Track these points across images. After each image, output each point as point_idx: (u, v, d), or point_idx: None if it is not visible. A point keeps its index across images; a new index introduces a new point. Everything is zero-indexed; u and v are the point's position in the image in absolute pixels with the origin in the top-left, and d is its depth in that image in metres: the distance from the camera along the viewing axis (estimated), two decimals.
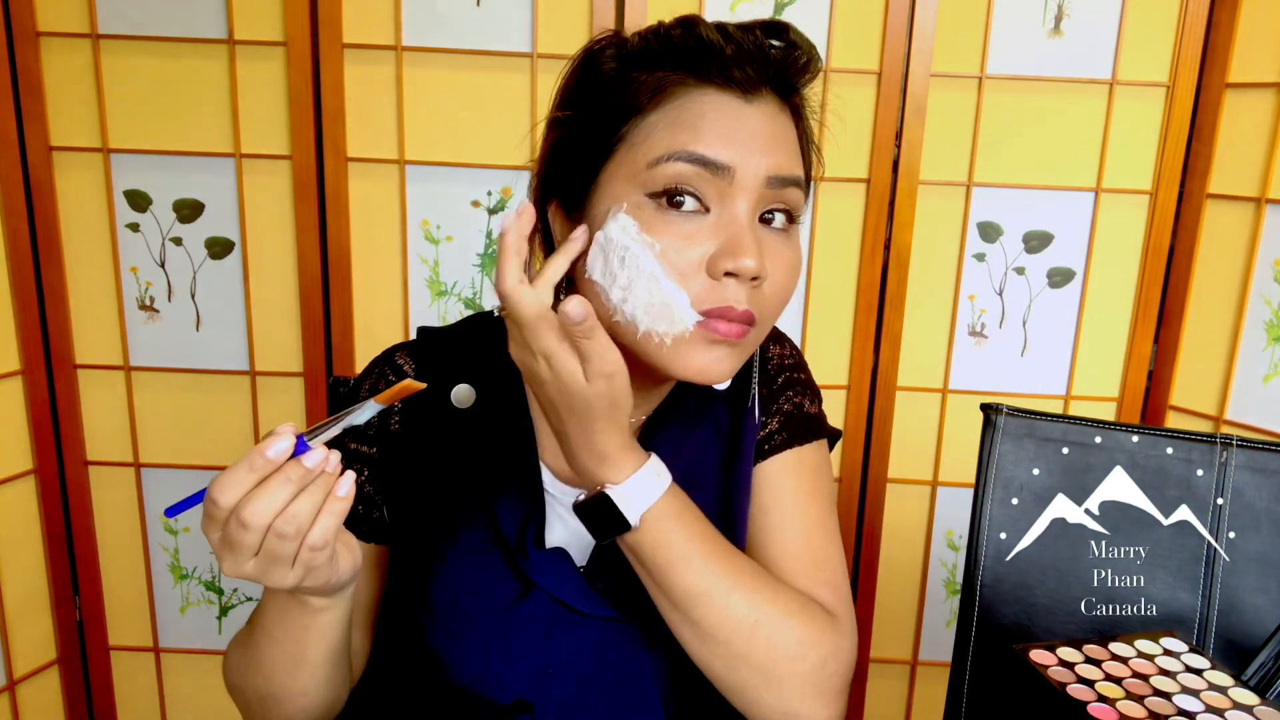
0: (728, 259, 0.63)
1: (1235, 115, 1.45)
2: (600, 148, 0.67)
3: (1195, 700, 0.71)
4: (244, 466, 0.55)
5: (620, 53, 0.69)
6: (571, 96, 0.71)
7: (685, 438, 0.78)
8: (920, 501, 1.64)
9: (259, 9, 1.42)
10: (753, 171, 0.64)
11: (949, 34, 1.46)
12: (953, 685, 0.94)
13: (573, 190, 0.69)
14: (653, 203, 0.64)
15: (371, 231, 1.51)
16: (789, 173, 0.66)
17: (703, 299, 0.64)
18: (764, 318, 0.68)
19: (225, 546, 0.56)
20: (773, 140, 0.66)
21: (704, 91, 0.65)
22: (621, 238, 0.63)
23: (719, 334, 0.65)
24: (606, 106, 0.67)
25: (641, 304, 0.63)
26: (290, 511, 0.55)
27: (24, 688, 1.58)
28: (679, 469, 0.70)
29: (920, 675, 1.71)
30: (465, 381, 0.77)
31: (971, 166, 1.50)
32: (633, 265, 0.63)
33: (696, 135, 0.63)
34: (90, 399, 1.57)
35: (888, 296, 1.55)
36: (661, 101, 0.65)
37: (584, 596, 0.73)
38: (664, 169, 0.63)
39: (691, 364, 0.66)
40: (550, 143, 0.72)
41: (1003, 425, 0.91)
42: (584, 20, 1.44)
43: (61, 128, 1.46)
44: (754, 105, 0.66)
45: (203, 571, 1.65)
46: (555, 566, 0.73)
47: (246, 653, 0.71)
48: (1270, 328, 1.43)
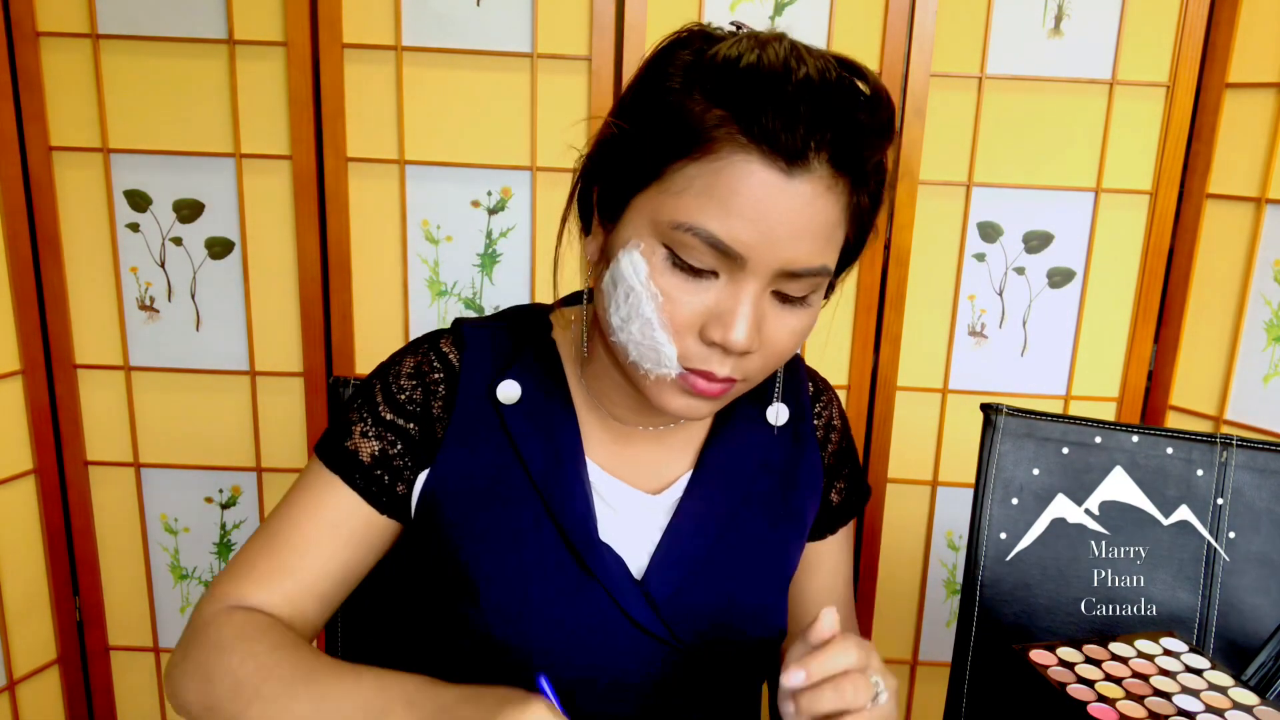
0: (717, 329, 0.64)
1: (1235, 115, 1.45)
2: (639, 176, 0.65)
3: (1195, 700, 0.71)
4: None
5: (691, 64, 0.64)
6: (631, 104, 0.67)
7: (735, 464, 0.79)
8: (920, 501, 1.64)
9: (259, 9, 1.42)
10: (767, 262, 0.62)
11: (949, 34, 1.46)
12: (953, 685, 0.94)
13: (610, 197, 0.68)
14: (665, 253, 0.64)
15: (371, 231, 1.51)
16: (806, 265, 0.63)
17: (689, 357, 0.65)
18: (752, 378, 0.69)
19: None
20: (803, 230, 0.62)
21: (748, 158, 0.60)
22: (631, 276, 0.64)
23: (696, 390, 0.66)
24: (656, 134, 0.64)
25: (634, 340, 0.65)
26: None
27: (24, 688, 1.58)
28: (732, 494, 0.75)
29: (920, 675, 1.71)
30: (509, 375, 0.76)
31: (971, 166, 1.50)
32: (634, 304, 0.64)
33: (724, 214, 0.61)
34: (90, 399, 1.57)
35: (888, 296, 1.55)
36: (705, 155, 0.61)
37: (639, 604, 0.73)
38: (684, 237, 0.62)
39: (668, 404, 0.68)
40: (602, 139, 0.69)
41: (1003, 425, 0.91)
42: (584, 20, 1.44)
43: (61, 128, 1.46)
44: (795, 183, 0.61)
45: (203, 571, 1.65)
46: (616, 565, 0.73)
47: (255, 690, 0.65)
48: (1270, 328, 1.43)
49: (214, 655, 0.67)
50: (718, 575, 0.76)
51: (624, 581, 0.73)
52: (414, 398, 0.75)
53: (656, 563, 0.74)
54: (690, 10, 1.44)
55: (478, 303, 1.55)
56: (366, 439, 0.74)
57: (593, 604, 0.72)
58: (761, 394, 0.80)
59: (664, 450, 0.79)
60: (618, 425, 0.78)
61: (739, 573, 0.77)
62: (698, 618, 0.74)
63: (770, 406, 0.81)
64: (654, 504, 0.77)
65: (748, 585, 0.77)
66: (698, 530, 0.76)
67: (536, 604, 0.71)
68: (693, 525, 0.76)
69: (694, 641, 0.74)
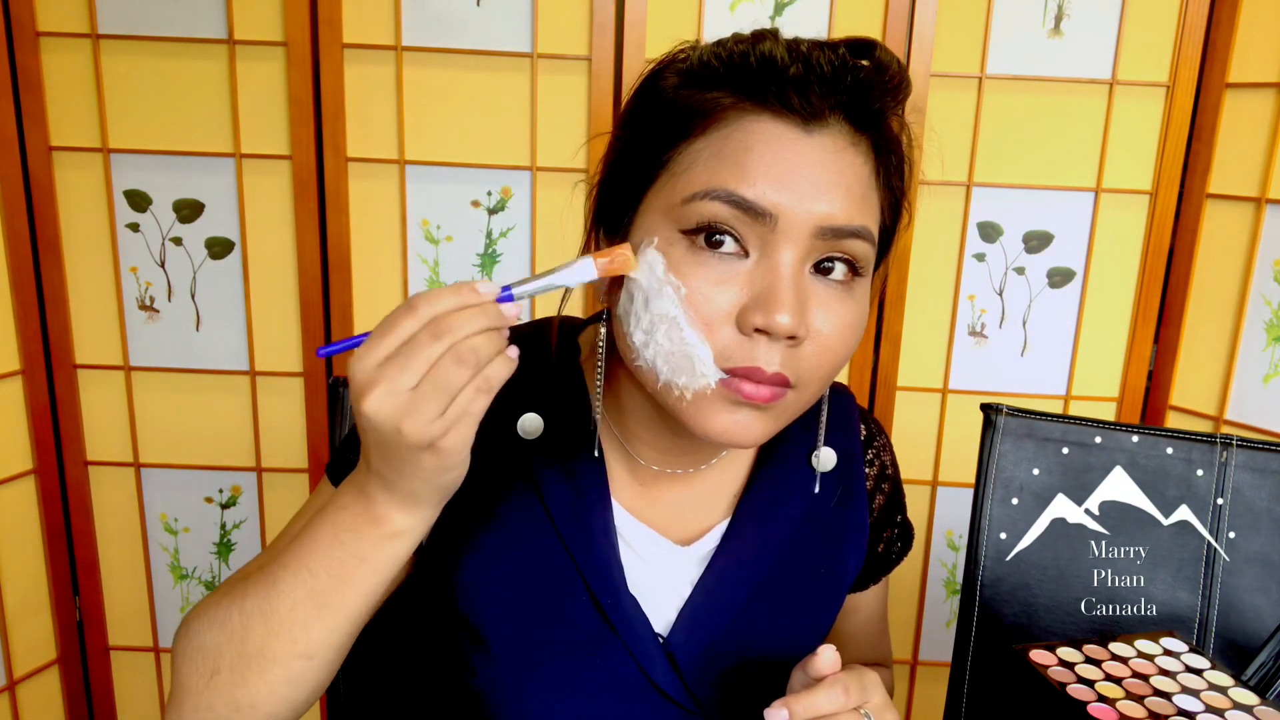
0: (758, 313, 0.55)
1: (1235, 115, 1.45)
2: (644, 173, 0.60)
3: (1195, 700, 0.71)
4: (449, 291, 0.51)
5: (685, 68, 0.61)
6: (627, 115, 0.64)
7: (775, 515, 0.73)
8: (920, 501, 1.64)
9: (259, 9, 1.42)
10: (801, 220, 0.56)
11: (949, 34, 1.46)
12: (953, 685, 0.94)
13: (616, 215, 0.63)
14: (685, 240, 0.57)
15: (371, 231, 1.51)
16: (847, 223, 0.57)
17: (729, 355, 0.57)
18: (805, 383, 0.59)
19: (392, 364, 0.50)
20: (832, 182, 0.57)
21: (757, 119, 0.57)
22: (647, 276, 0.57)
23: (743, 395, 0.57)
24: (656, 128, 0.60)
25: (663, 351, 0.56)
26: (474, 342, 0.50)
27: (24, 688, 1.58)
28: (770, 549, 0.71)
29: (920, 675, 1.71)
30: (530, 405, 0.69)
31: (971, 166, 1.50)
32: (656, 307, 0.56)
33: (740, 172, 0.56)
34: (90, 399, 1.57)
35: (887, 296, 1.55)
36: (709, 127, 0.57)
37: (661, 665, 0.67)
38: (698, 207, 0.56)
39: (713, 425, 0.59)
40: (606, 159, 0.66)
41: (1003, 425, 0.91)
42: (584, 20, 1.44)
43: (61, 128, 1.46)
44: (814, 137, 0.57)
45: (203, 571, 1.65)
46: (640, 621, 0.67)
47: (235, 604, 0.59)
48: (1270, 328, 1.43)
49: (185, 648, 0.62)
50: (749, 637, 0.70)
51: (646, 639, 0.67)
52: None
53: (683, 621, 0.68)
54: (690, 10, 1.43)
55: None
56: None
57: (611, 661, 0.66)
58: (806, 437, 0.74)
59: (696, 496, 0.72)
60: (646, 469, 0.71)
61: (773, 636, 0.71)
62: (724, 683, 0.69)
63: (815, 451, 0.73)
64: (684, 555, 0.70)
65: (782, 650, 0.71)
66: (731, 587, 0.69)
67: (550, 656, 0.66)
68: (726, 581, 0.69)
69: (718, 709, 0.68)
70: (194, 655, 0.60)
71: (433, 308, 0.50)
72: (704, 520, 0.72)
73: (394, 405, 0.50)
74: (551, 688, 0.66)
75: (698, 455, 0.72)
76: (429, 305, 0.50)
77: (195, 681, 0.59)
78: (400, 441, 0.51)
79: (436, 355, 0.50)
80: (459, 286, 0.51)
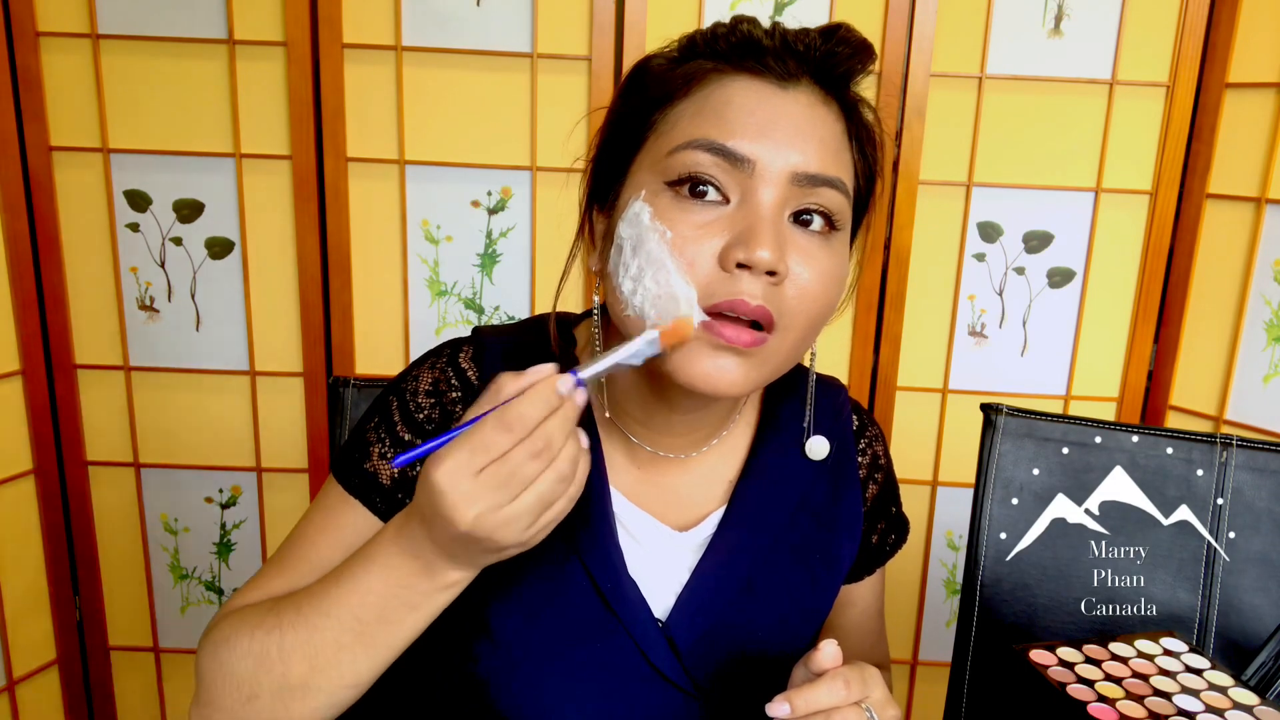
0: (740, 248, 0.58)
1: (1235, 115, 1.45)
2: (632, 139, 0.64)
3: (1195, 700, 0.71)
4: (536, 397, 0.52)
5: (669, 52, 0.67)
6: (617, 96, 0.69)
7: (771, 502, 0.74)
8: (920, 501, 1.64)
9: (259, 9, 1.42)
10: (778, 165, 0.59)
11: (949, 34, 1.46)
12: (953, 685, 0.94)
13: (607, 187, 0.67)
14: (670, 190, 0.60)
15: (371, 231, 1.51)
16: (820, 170, 0.60)
17: (712, 292, 0.59)
18: (787, 324, 0.61)
19: (493, 479, 0.52)
20: (805, 132, 0.60)
21: (736, 78, 0.62)
22: (635, 225, 0.60)
23: (724, 338, 0.59)
24: (642, 99, 0.65)
25: (650, 295, 0.59)
26: (569, 452, 0.53)
27: (24, 688, 1.58)
28: (766, 536, 0.72)
29: (920, 675, 1.71)
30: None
31: (971, 166, 1.50)
32: (643, 253, 0.59)
33: (720, 122, 0.60)
34: (90, 399, 1.57)
35: (888, 296, 1.55)
36: (692, 90, 0.62)
37: (661, 649, 0.69)
38: (682, 157, 0.60)
39: (694, 369, 0.60)
40: (596, 142, 0.69)
41: (1003, 425, 0.91)
42: (584, 20, 1.44)
43: (61, 128, 1.46)
44: (789, 93, 0.61)
45: (203, 571, 1.65)
46: (639, 606, 0.69)
47: (271, 637, 0.61)
48: (1270, 328, 1.43)
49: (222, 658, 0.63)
50: (747, 622, 0.72)
51: (646, 624, 0.68)
52: (432, 417, 0.71)
53: (682, 606, 0.70)
54: (690, 10, 1.43)
55: (478, 303, 1.55)
56: (385, 461, 0.71)
57: (612, 647, 0.68)
58: (799, 426, 0.76)
59: (693, 482, 0.74)
60: (643, 452, 0.73)
61: (770, 621, 0.73)
62: (722, 667, 0.70)
63: (809, 440, 0.75)
64: (682, 541, 0.72)
65: (778, 634, 0.73)
66: (728, 573, 0.71)
67: (553, 643, 0.68)
68: (723, 568, 0.71)
69: (717, 692, 0.70)
70: (226, 680, 0.62)
71: (525, 422, 0.52)
72: (701, 507, 0.74)
73: (494, 521, 0.53)
74: (555, 674, 0.68)
75: (693, 436, 0.73)
76: (521, 422, 0.52)
77: (228, 702, 0.62)
78: (490, 545, 0.54)
79: (536, 474, 0.53)
80: (541, 389, 0.52)
